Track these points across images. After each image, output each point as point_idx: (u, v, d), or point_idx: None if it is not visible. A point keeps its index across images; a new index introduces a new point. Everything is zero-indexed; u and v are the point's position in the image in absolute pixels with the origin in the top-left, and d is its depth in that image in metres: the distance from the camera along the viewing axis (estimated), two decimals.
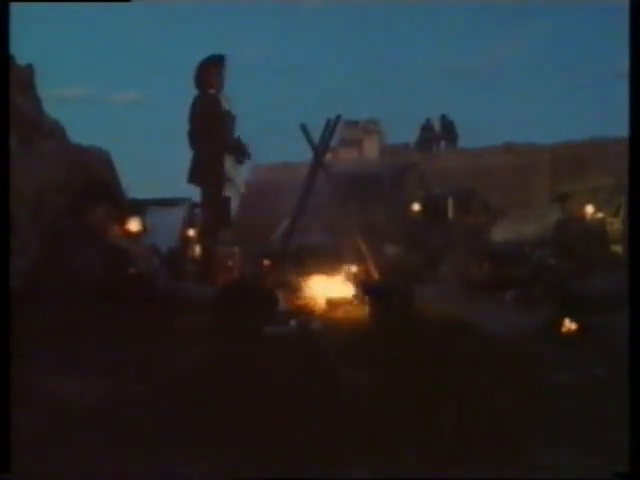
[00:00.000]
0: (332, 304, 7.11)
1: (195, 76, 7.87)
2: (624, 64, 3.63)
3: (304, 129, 8.40)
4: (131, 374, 4.14)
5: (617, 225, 11.19)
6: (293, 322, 5.83)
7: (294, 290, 7.27)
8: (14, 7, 3.79)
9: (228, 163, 7.94)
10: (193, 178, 7.90)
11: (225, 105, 7.90)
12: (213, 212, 7.93)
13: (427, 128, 23.41)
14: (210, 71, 7.83)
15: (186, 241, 10.00)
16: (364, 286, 7.00)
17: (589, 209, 11.94)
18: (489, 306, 6.92)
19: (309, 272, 7.63)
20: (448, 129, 23.16)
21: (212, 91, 7.83)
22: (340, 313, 6.73)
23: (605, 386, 4.08)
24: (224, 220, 8.08)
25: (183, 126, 8.14)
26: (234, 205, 8.84)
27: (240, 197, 9.05)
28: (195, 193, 8.55)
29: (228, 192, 8.02)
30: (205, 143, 7.75)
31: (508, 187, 18.84)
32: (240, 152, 7.96)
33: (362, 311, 6.57)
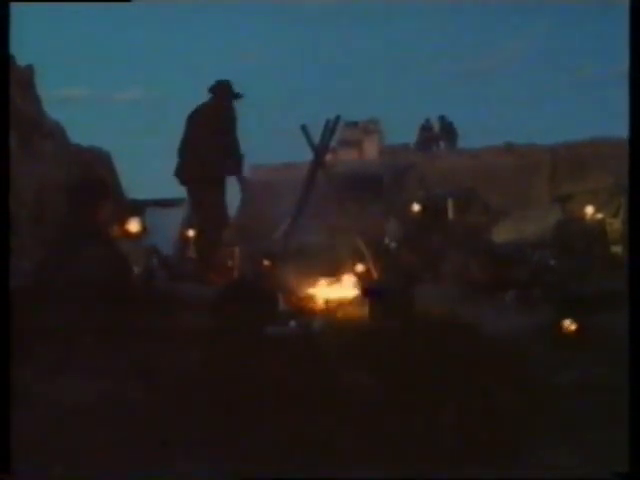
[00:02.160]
0: (332, 304, 7.11)
1: (213, 86, 8.09)
2: (624, 64, 3.63)
3: (304, 129, 8.41)
4: (131, 375, 4.14)
5: (617, 226, 11.18)
6: (293, 322, 5.83)
7: (294, 290, 7.27)
8: (14, 7, 3.79)
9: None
10: (191, 181, 8.03)
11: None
12: (213, 213, 8.00)
13: (426, 128, 23.42)
14: (227, 92, 8.08)
15: (185, 241, 9.99)
16: (364, 286, 7.00)
17: (589, 210, 11.92)
18: (489, 306, 6.92)
19: (309, 272, 7.63)
20: (447, 129, 23.17)
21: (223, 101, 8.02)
22: (340, 313, 6.73)
23: (605, 386, 4.08)
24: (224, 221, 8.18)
25: (183, 126, 8.18)
26: (234, 205, 8.90)
27: (240, 197, 9.09)
28: None
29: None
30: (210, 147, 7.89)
31: (508, 187, 18.82)
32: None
33: (362, 311, 6.56)
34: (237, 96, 8.13)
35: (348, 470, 3.06)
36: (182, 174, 8.11)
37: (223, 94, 8.09)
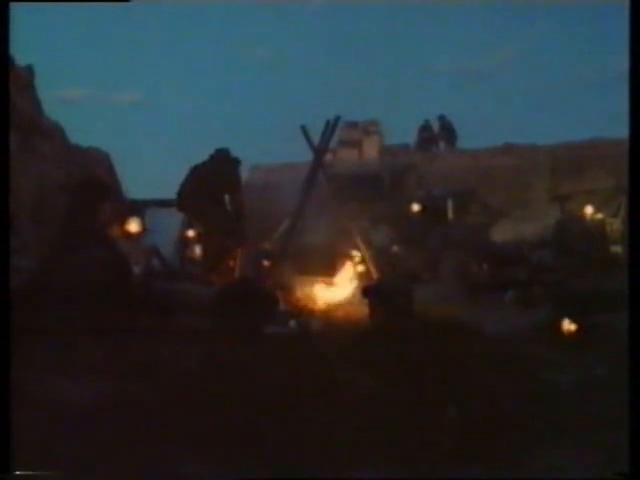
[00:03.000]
0: (332, 304, 7.12)
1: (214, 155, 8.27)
2: (624, 64, 3.63)
3: (304, 130, 8.41)
4: (131, 374, 4.14)
5: (616, 225, 11.19)
6: (293, 322, 5.84)
7: (294, 290, 7.27)
8: (14, 7, 3.79)
9: None
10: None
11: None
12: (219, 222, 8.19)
13: (426, 128, 23.37)
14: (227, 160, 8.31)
15: (185, 242, 9.98)
16: (364, 286, 7.00)
17: (589, 210, 11.93)
18: (489, 306, 6.93)
19: (309, 272, 7.63)
20: (447, 129, 23.12)
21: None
22: (340, 313, 6.74)
23: (605, 386, 4.08)
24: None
25: (183, 126, 8.22)
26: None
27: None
28: None
29: None
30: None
31: (508, 188, 18.79)
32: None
33: (362, 311, 6.57)
34: (237, 162, 8.28)
35: (348, 470, 3.05)
36: (181, 200, 8.29)
37: (223, 162, 8.25)
